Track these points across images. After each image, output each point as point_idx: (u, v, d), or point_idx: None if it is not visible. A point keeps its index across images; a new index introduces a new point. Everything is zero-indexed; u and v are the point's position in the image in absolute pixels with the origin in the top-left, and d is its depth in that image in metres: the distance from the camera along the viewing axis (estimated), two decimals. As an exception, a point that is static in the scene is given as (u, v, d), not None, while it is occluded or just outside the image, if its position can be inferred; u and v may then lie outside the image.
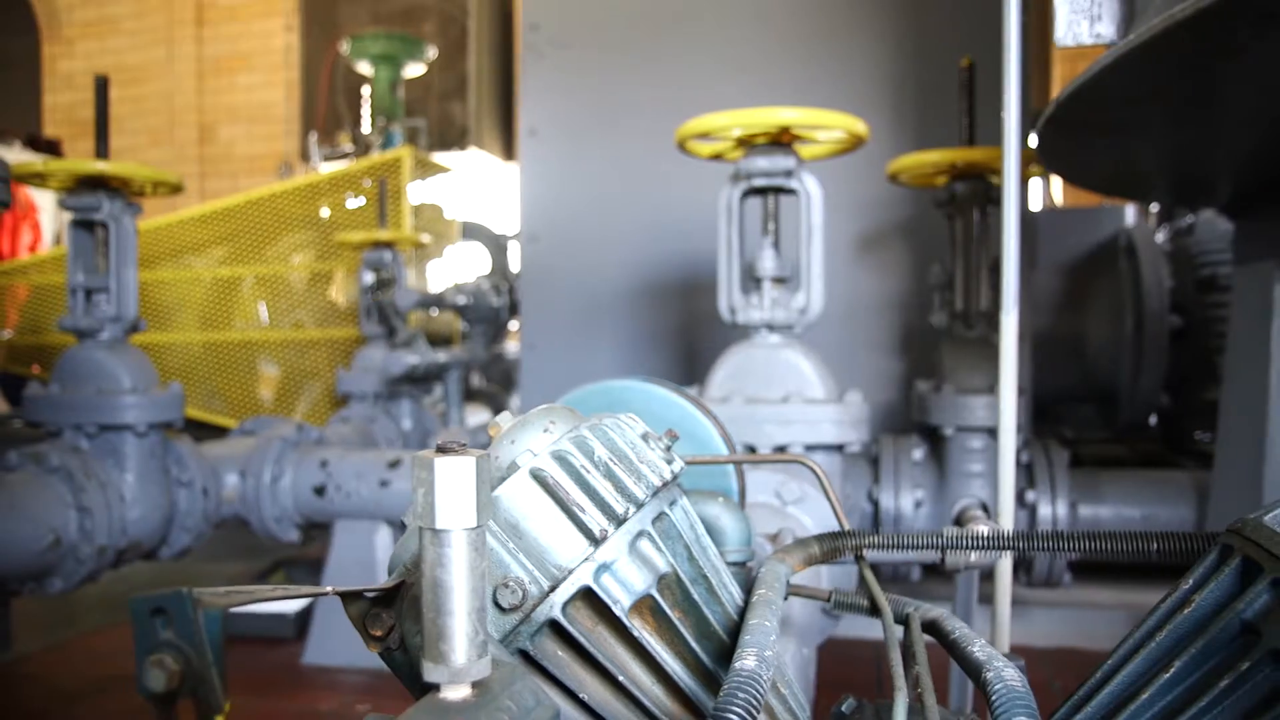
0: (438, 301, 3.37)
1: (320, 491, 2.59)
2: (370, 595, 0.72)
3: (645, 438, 0.82)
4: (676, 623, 0.75)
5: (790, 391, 1.90)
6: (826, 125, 1.88)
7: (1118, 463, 2.99)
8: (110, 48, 8.04)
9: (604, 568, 0.73)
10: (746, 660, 0.65)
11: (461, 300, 3.43)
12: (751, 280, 2.00)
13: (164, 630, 0.52)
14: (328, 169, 4.86)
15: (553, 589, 0.71)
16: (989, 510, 1.69)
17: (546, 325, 2.98)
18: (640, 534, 0.75)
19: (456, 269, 4.45)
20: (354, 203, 4.17)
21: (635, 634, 0.72)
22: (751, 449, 1.88)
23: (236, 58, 7.90)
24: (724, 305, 2.02)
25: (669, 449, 0.84)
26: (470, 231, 4.57)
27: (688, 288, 2.90)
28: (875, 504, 2.22)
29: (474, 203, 4.39)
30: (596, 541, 0.72)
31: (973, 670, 0.70)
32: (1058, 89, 4.16)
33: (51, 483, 2.20)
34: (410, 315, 3.54)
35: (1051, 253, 2.86)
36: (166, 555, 2.48)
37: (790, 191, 1.97)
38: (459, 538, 0.55)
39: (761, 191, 2.00)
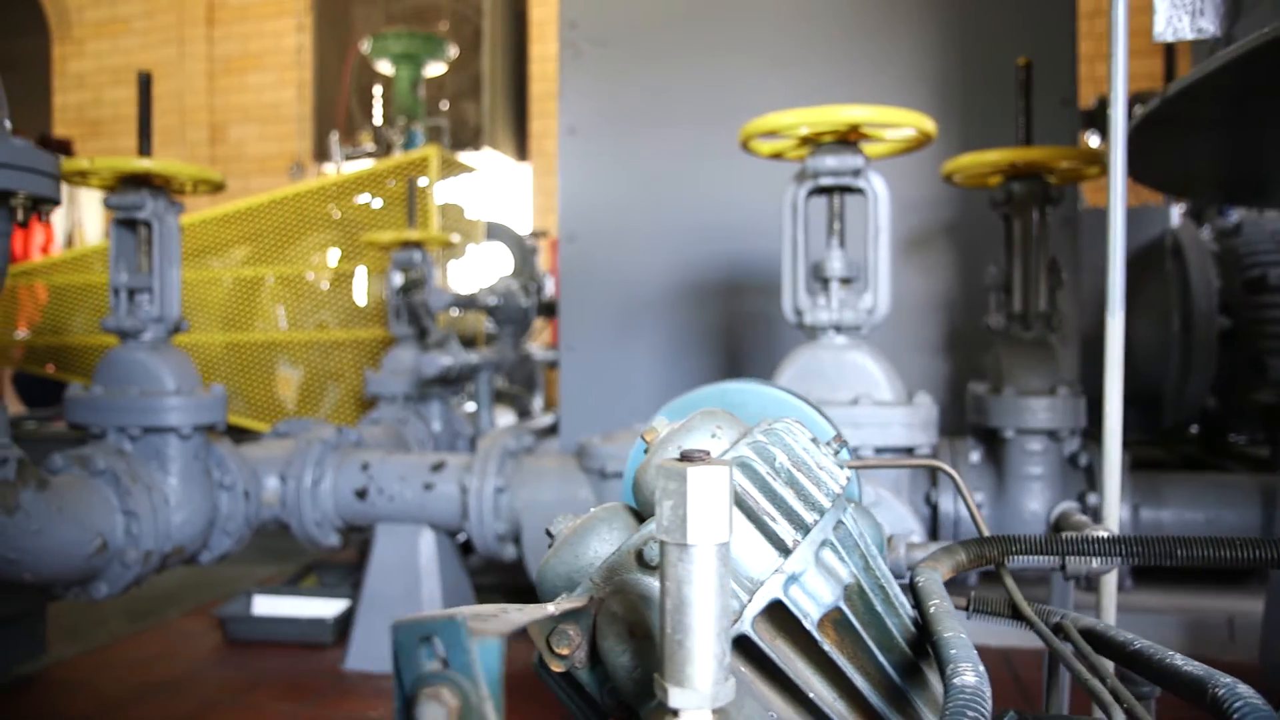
0: (470, 302, 3.33)
1: (362, 495, 2.55)
2: (557, 613, 0.68)
3: (814, 443, 0.79)
4: (863, 635, 0.72)
5: (860, 394, 1.86)
6: (896, 123, 1.85)
7: (1158, 466, 2.96)
8: (121, 47, 7.99)
9: (792, 579, 0.69)
10: (966, 676, 0.61)
11: (492, 300, 3.39)
12: (816, 281, 1.97)
13: (429, 660, 0.48)
14: (349, 168, 4.82)
15: (747, 603, 0.67)
16: (1089, 514, 1.66)
17: (585, 326, 2.94)
18: (824, 543, 0.72)
19: (481, 269, 4.41)
20: (376, 203, 4.13)
21: (826, 649, 0.69)
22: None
23: (248, 57, 7.85)
24: (788, 306, 1.98)
25: (837, 454, 0.80)
26: (493, 231, 4.53)
27: (730, 288, 2.87)
28: (934, 508, 2.19)
29: (492, 202, 4.35)
30: (787, 551, 0.69)
31: (1188, 687, 0.66)
32: (1099, 88, 4.14)
33: (97, 486, 2.15)
34: (438, 316, 3.50)
35: (1095, 254, 2.83)
36: (207, 559, 2.43)
37: (856, 191, 1.94)
38: (708, 553, 0.52)
39: (826, 191, 1.96)
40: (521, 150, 7.60)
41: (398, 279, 3.55)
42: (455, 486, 2.49)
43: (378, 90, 7.08)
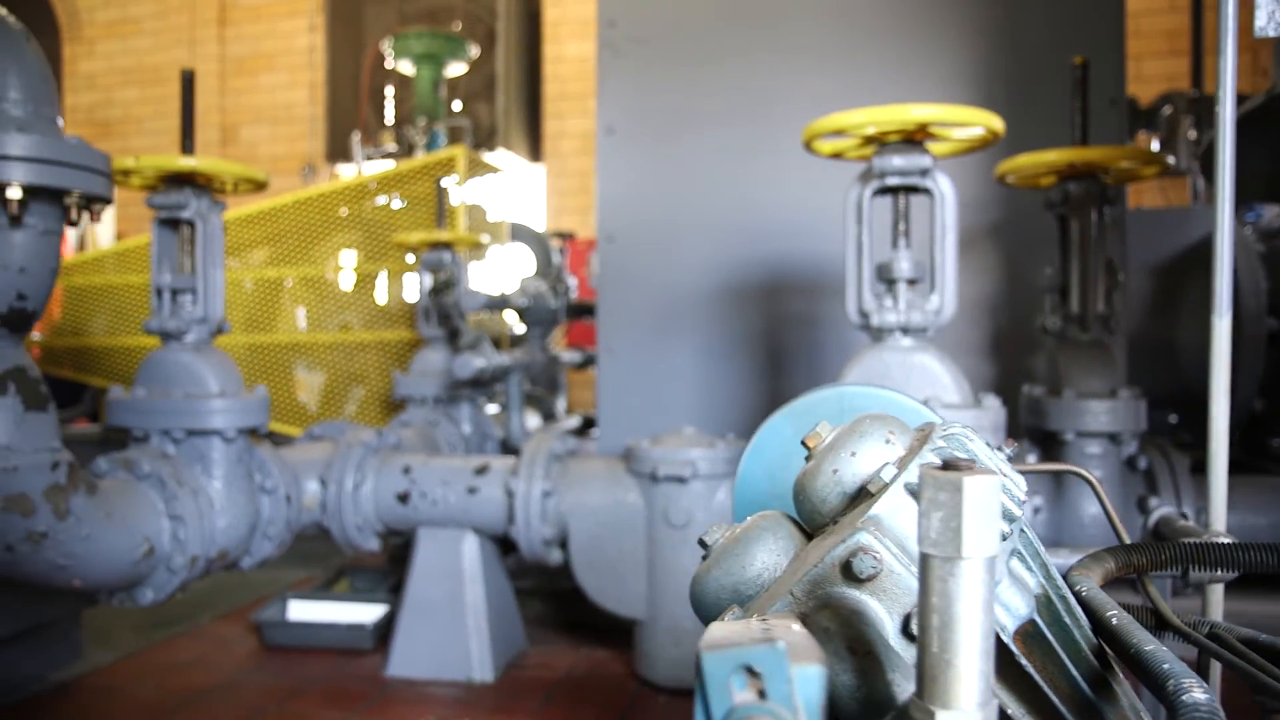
0: (503, 303, 3.30)
1: (404, 498, 2.51)
2: (711, 631, 0.65)
3: (990, 448, 0.76)
4: (1055, 647, 0.68)
5: (928, 396, 1.83)
6: (966, 122, 1.82)
7: (1201, 468, 2.93)
8: (132, 48, 7.94)
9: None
10: (1195, 693, 0.58)
11: (523, 302, 3.35)
12: (881, 282, 1.94)
13: (741, 690, 0.44)
14: (370, 169, 4.78)
15: (946, 616, 0.64)
16: (1188, 517, 1.63)
17: (624, 328, 2.91)
18: (1013, 552, 0.69)
19: (503, 271, 4.37)
20: (395, 203, 4.09)
21: (1022, 663, 0.66)
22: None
23: (259, 58, 7.81)
24: (853, 308, 1.95)
25: (1009, 460, 0.77)
26: (515, 232, 4.50)
27: (771, 289, 2.83)
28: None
29: (511, 203, 4.32)
30: (984, 562, 0.66)
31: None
32: (1144, 88, 4.12)
33: (143, 490, 2.12)
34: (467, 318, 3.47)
35: (1140, 254, 2.81)
36: (248, 565, 2.39)
37: (921, 191, 1.91)
38: (980, 567, 0.48)
39: (890, 191, 1.93)
40: (535, 151, 7.57)
41: (427, 280, 3.52)
42: (500, 490, 2.45)
43: (389, 90, 7.04)
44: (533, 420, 4.06)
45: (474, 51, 4.94)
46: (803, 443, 0.83)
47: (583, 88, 7.21)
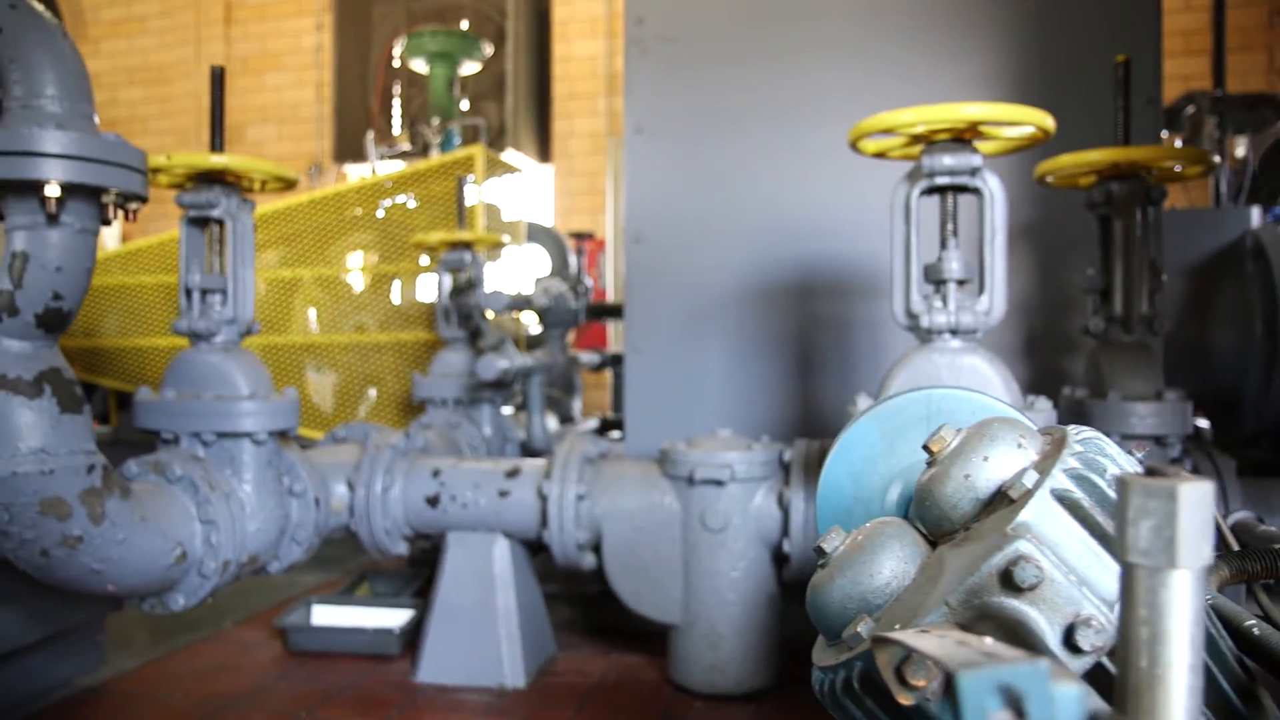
0: (526, 303, 3.27)
1: (433, 502, 2.48)
2: (889, 639, 0.62)
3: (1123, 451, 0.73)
4: (1205, 657, 0.66)
5: (978, 399, 1.80)
6: (1017, 120, 1.80)
7: (1245, 472, 2.90)
8: (137, 47, 7.89)
9: (1147, 603, 0.63)
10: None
11: (544, 302, 3.32)
12: (929, 283, 1.91)
13: (997, 708, 0.41)
14: (384, 169, 4.75)
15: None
16: (1264, 520, 1.60)
17: (651, 329, 2.88)
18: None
19: (519, 271, 4.34)
20: (409, 202, 4.06)
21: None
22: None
23: (265, 57, 7.76)
24: (899, 309, 1.92)
25: (1141, 464, 0.74)
26: (531, 232, 4.46)
27: (801, 290, 2.81)
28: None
29: (525, 203, 4.29)
30: (1143, 572, 0.63)
31: None
32: (1175, 87, 4.09)
33: (175, 493, 2.08)
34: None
35: (1172, 255, 2.78)
36: (276, 570, 2.36)
37: (970, 190, 1.88)
38: (1193, 578, 0.45)
39: (938, 190, 1.91)
40: (543, 151, 7.54)
41: (447, 281, 3.49)
42: (533, 494, 2.42)
43: (397, 89, 7.01)
44: (550, 423, 4.03)
45: (488, 50, 4.91)
46: (925, 447, 0.80)
47: (592, 87, 7.19)
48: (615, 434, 4.45)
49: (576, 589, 2.95)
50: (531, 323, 4.42)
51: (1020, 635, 0.60)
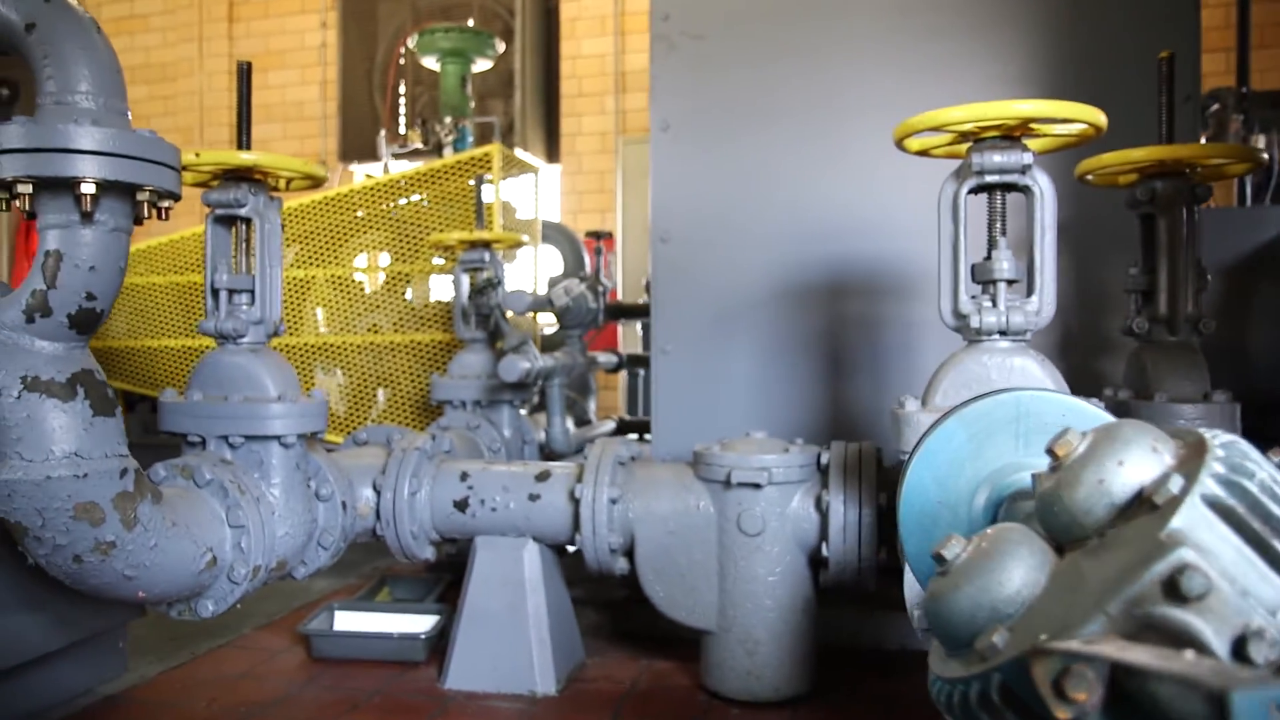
0: (548, 303, 3.23)
1: (462, 506, 2.44)
2: (1070, 651, 0.58)
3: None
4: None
5: (1031, 401, 1.77)
6: (1070, 117, 1.77)
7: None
8: (139, 45, 7.83)
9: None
10: None
11: (565, 302, 3.28)
12: (977, 283, 1.88)
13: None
14: (396, 168, 4.70)
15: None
16: None
17: (679, 330, 2.84)
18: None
19: (538, 271, 4.30)
20: (429, 202, 4.02)
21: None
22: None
23: (270, 55, 7.71)
24: (947, 309, 1.89)
25: (1287, 471, 0.71)
26: (545, 231, 4.42)
27: (831, 290, 2.77)
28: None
29: (535, 202, 4.25)
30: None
31: None
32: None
33: (204, 497, 2.04)
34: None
35: (1209, 255, 2.75)
36: (302, 575, 2.32)
37: (1019, 189, 1.85)
38: None
39: (987, 188, 1.87)
40: (551, 150, 7.50)
41: (465, 281, 3.44)
42: (564, 497, 2.38)
43: (403, 87, 6.96)
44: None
45: (500, 47, 4.88)
46: (1049, 451, 0.77)
47: (601, 85, 7.15)
48: (631, 436, 4.41)
49: (601, 594, 2.91)
50: (545, 323, 4.39)
51: (1188, 647, 0.56)
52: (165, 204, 1.80)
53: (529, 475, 2.44)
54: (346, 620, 2.76)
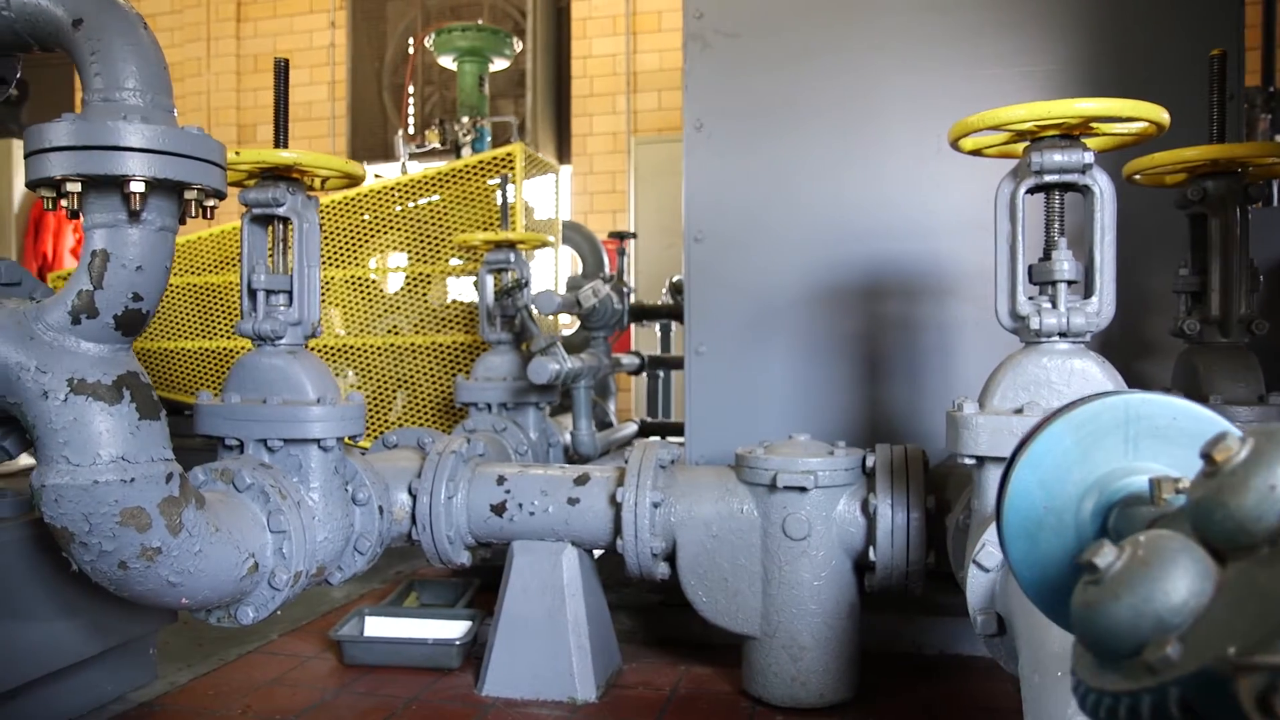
0: (577, 304, 3.19)
1: (499, 510, 2.41)
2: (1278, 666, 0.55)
3: None
4: None
5: (1093, 403, 1.74)
6: (1133, 116, 1.74)
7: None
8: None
9: None
10: None
11: (592, 303, 3.25)
12: (1035, 284, 1.85)
13: None
14: (413, 168, 4.66)
15: None
16: None
17: (714, 330, 2.81)
18: None
19: (556, 271, 4.27)
20: (449, 203, 3.98)
21: None
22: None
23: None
24: (1004, 310, 1.86)
25: None
26: (565, 232, 4.39)
27: (868, 291, 2.74)
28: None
29: (551, 203, 4.21)
30: None
31: None
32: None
33: (244, 502, 2.01)
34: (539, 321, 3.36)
35: (1256, 254, 2.73)
36: (338, 580, 2.28)
37: (1077, 188, 1.82)
38: None
39: (1044, 188, 1.84)
40: (562, 151, 7.46)
41: (489, 282, 3.41)
42: (604, 501, 2.35)
43: (411, 88, 6.91)
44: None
45: (519, 46, 4.85)
46: (1205, 454, 0.74)
47: (612, 85, 7.12)
48: (654, 438, 4.38)
49: (633, 598, 2.88)
50: (564, 324, 4.36)
51: None
52: (210, 203, 1.77)
53: (568, 479, 2.40)
54: (377, 626, 2.72)
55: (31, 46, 1.76)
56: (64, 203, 1.66)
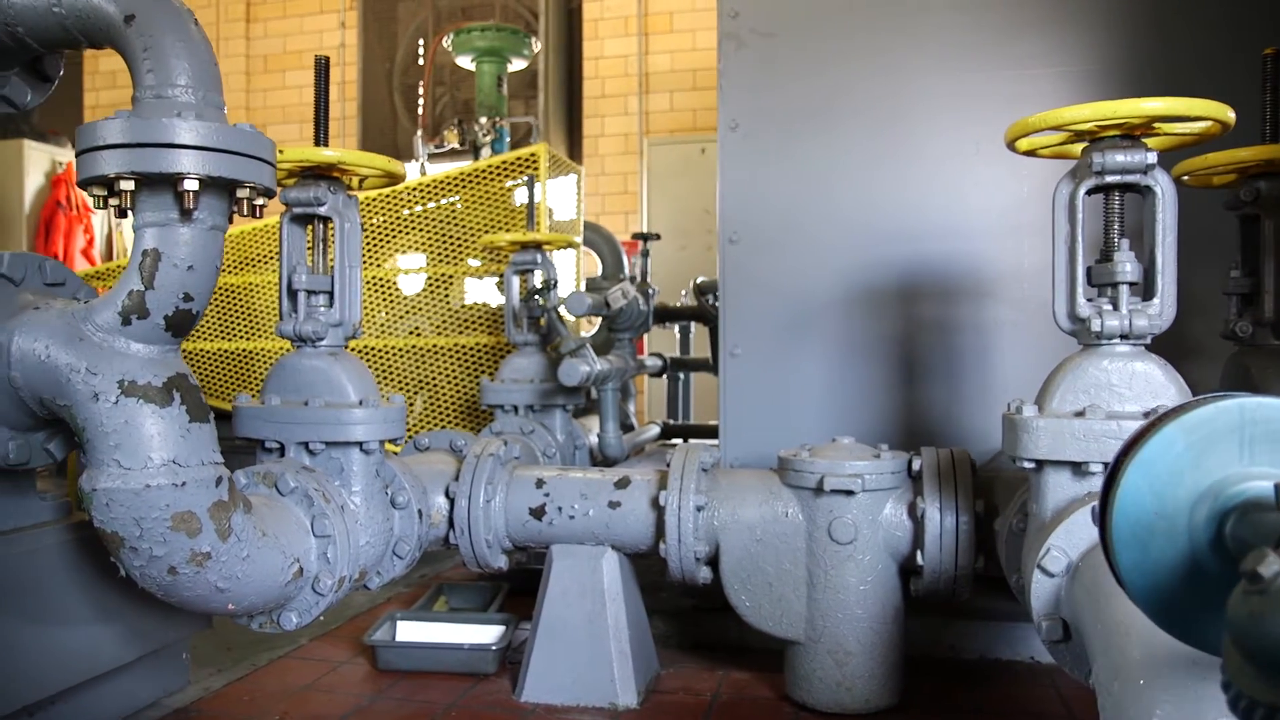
0: (606, 306, 3.17)
1: (538, 514, 2.38)
2: None
3: None
4: None
5: (1156, 405, 1.72)
6: (1199, 115, 1.72)
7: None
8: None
9: None
10: None
11: (621, 304, 3.23)
12: (1094, 285, 1.83)
13: None
14: (432, 169, 4.64)
15: None
16: None
17: (749, 332, 2.78)
18: None
19: (578, 272, 4.24)
20: (469, 204, 3.95)
21: None
22: (1115, 470, 1.70)
23: (287, 55, 7.63)
24: (1062, 312, 1.84)
25: None
26: (584, 233, 4.36)
27: (905, 293, 2.72)
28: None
29: (567, 203, 4.19)
30: None
31: None
32: None
33: (288, 506, 1.98)
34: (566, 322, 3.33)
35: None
36: (376, 585, 2.26)
37: (1138, 189, 1.80)
38: None
39: (1104, 189, 1.82)
40: (573, 152, 7.44)
41: (515, 283, 3.38)
42: (645, 504, 2.32)
43: (421, 89, 6.88)
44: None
45: (537, 47, 4.82)
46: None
47: (624, 86, 7.09)
48: (676, 441, 4.35)
49: (666, 603, 2.85)
50: (580, 325, 4.33)
51: None
52: (260, 202, 1.74)
53: (608, 482, 2.37)
54: (409, 631, 2.69)
55: (81, 43, 1.73)
56: (114, 201, 1.64)
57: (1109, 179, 1.77)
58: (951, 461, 2.21)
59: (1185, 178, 2.23)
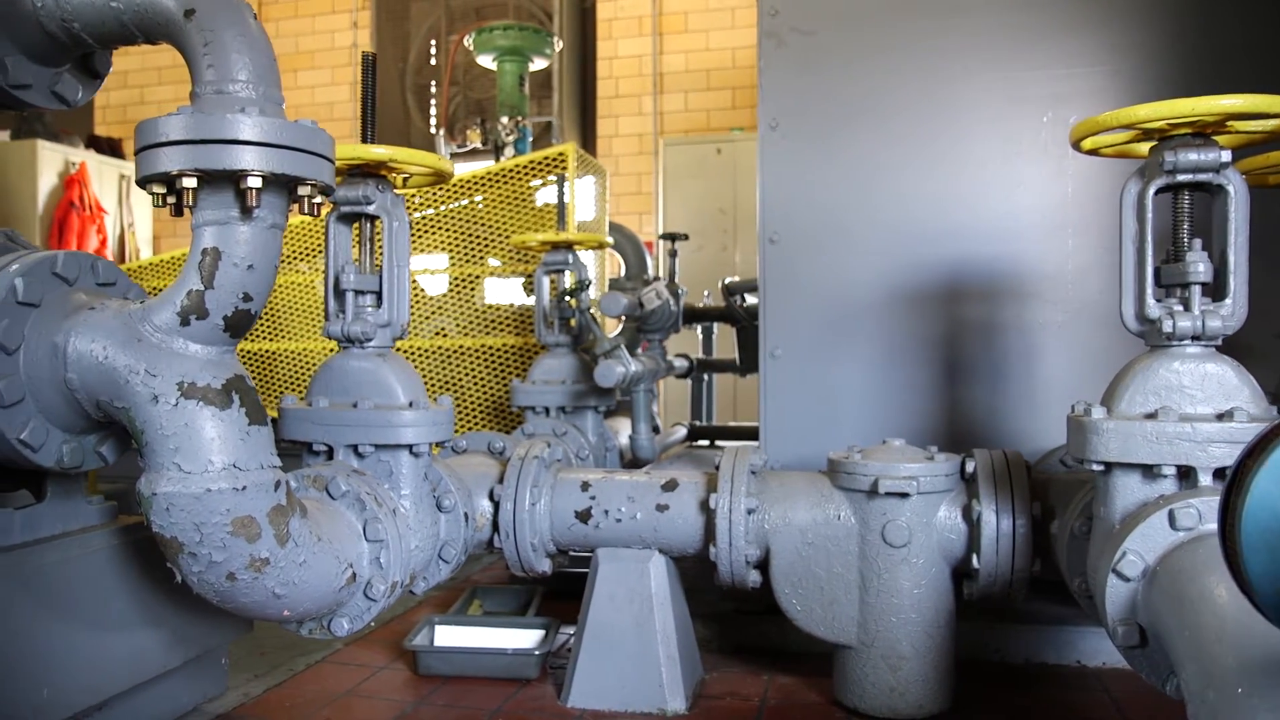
0: (640, 306, 3.14)
1: (584, 517, 2.35)
2: None
3: None
4: None
5: (1230, 407, 1.69)
6: (1276, 112, 1.69)
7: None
8: (164, 45, 7.68)
9: None
10: None
11: (655, 305, 3.20)
12: (1162, 286, 1.80)
13: None
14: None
15: None
16: None
17: (790, 333, 2.75)
18: None
19: (604, 273, 4.21)
20: (495, 204, 3.92)
21: None
22: (1189, 472, 1.68)
23: (299, 55, 7.59)
24: (1130, 313, 1.81)
25: None
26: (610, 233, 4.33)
27: (948, 294, 2.69)
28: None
29: (586, 204, 4.16)
30: None
31: None
32: None
33: (340, 510, 1.94)
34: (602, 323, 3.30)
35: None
36: (421, 590, 2.22)
37: (1209, 188, 1.77)
38: None
39: (1175, 188, 1.80)
40: (587, 150, 7.40)
41: (546, 283, 3.36)
42: (694, 507, 2.29)
43: (432, 87, 6.84)
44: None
45: (558, 46, 4.79)
46: None
47: (638, 86, 7.06)
48: (702, 442, 4.33)
49: (705, 607, 2.82)
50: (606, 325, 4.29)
51: None
52: (318, 200, 1.71)
53: (655, 485, 2.35)
54: (448, 635, 2.66)
55: (137, 39, 1.71)
56: (172, 199, 1.61)
57: (1180, 178, 1.75)
58: (1006, 464, 2.18)
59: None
